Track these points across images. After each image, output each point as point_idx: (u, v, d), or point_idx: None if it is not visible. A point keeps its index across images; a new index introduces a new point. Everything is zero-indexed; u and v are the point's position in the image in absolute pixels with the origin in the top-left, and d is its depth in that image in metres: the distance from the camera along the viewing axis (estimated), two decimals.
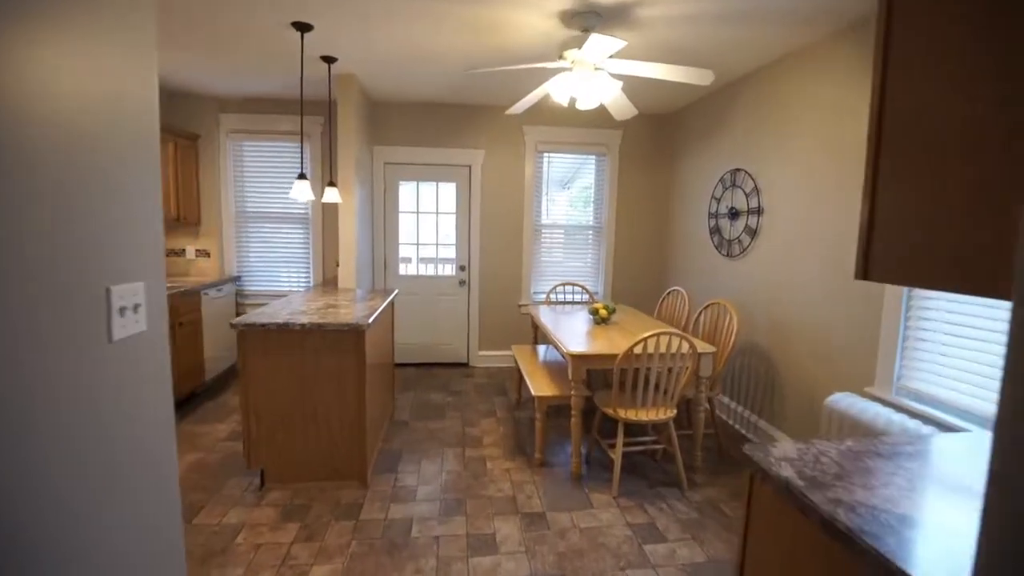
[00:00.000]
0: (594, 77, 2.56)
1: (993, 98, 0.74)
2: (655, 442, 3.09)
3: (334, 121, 4.21)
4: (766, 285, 3.33)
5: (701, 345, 2.80)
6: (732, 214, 3.71)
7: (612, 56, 2.62)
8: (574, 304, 4.38)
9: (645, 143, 4.91)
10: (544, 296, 4.94)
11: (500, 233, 4.86)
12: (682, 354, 2.61)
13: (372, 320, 2.66)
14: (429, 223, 4.85)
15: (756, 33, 2.81)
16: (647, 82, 3.78)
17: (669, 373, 2.66)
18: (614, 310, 3.44)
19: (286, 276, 4.76)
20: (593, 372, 3.81)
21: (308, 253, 4.72)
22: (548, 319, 3.55)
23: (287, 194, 4.61)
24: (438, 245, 4.89)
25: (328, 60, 3.27)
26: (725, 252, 3.82)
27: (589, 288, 4.88)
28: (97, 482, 0.93)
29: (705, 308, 3.45)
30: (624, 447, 2.81)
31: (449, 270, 4.93)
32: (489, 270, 4.90)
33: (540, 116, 4.72)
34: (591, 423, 3.52)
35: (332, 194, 3.37)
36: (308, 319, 2.62)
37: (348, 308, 2.98)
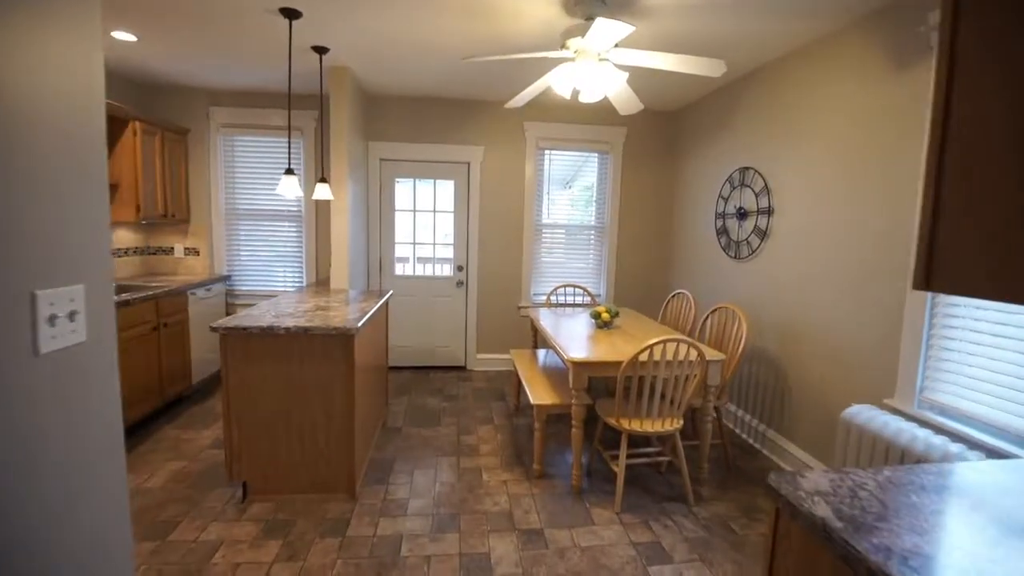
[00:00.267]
0: (598, 68, 2.41)
1: None
2: (659, 453, 2.94)
3: (328, 115, 4.06)
4: (776, 288, 3.18)
5: (710, 352, 2.65)
6: (740, 214, 3.56)
7: (618, 45, 2.47)
8: (575, 307, 4.23)
9: (649, 141, 4.76)
10: (544, 298, 4.80)
11: (499, 233, 4.71)
12: (690, 362, 2.46)
13: (362, 324, 2.51)
14: (426, 222, 4.70)
15: (767, 25, 2.66)
16: (652, 77, 3.63)
17: (676, 382, 2.51)
18: (617, 313, 3.29)
19: (278, 276, 4.61)
20: (595, 379, 3.67)
21: (301, 252, 4.58)
22: (548, 322, 3.40)
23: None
24: (435, 245, 4.74)
25: (319, 51, 3.13)
26: (733, 254, 3.67)
27: (591, 290, 4.73)
28: (20, 530, 0.78)
29: (712, 312, 3.30)
30: (627, 459, 2.66)
31: (447, 270, 4.79)
32: (488, 271, 4.75)
33: (541, 112, 4.57)
34: (592, 431, 3.38)
35: (323, 191, 3.22)
36: (294, 322, 2.48)
37: (338, 311, 2.83)
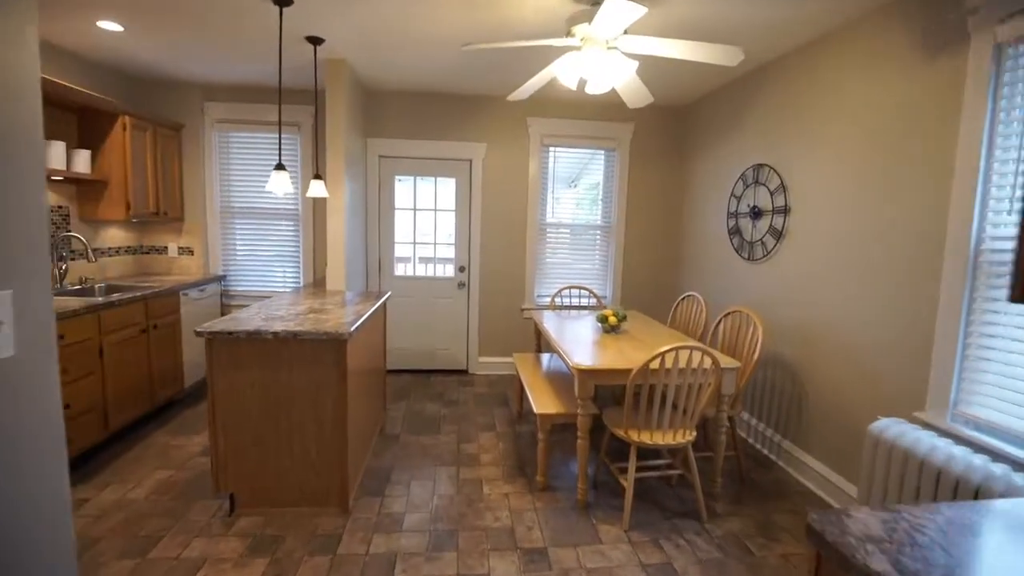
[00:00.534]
0: (606, 56, 2.26)
1: None
2: (670, 466, 2.78)
3: (324, 110, 3.93)
4: (793, 292, 3.02)
5: (725, 360, 2.50)
6: (755, 213, 3.40)
7: (627, 32, 2.31)
8: (581, 309, 4.08)
9: (658, 137, 4.60)
10: (548, 300, 4.64)
11: (502, 232, 4.57)
12: (704, 370, 2.31)
13: (355, 329, 2.37)
14: (427, 221, 4.56)
15: (784, 12, 2.50)
16: (661, 70, 3.47)
17: (689, 391, 2.36)
18: (624, 317, 3.14)
19: (275, 276, 4.49)
20: (602, 386, 3.52)
21: (298, 252, 4.45)
22: (552, 326, 3.26)
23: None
24: (436, 244, 4.60)
25: (314, 41, 2.99)
26: (746, 255, 3.51)
27: (597, 292, 4.58)
28: None
29: (725, 316, 3.14)
30: (636, 472, 2.51)
31: (448, 271, 4.65)
32: (490, 271, 4.60)
33: (546, 107, 4.42)
34: (599, 440, 3.23)
35: (318, 188, 3.08)
36: (283, 326, 2.34)
37: (332, 314, 2.69)
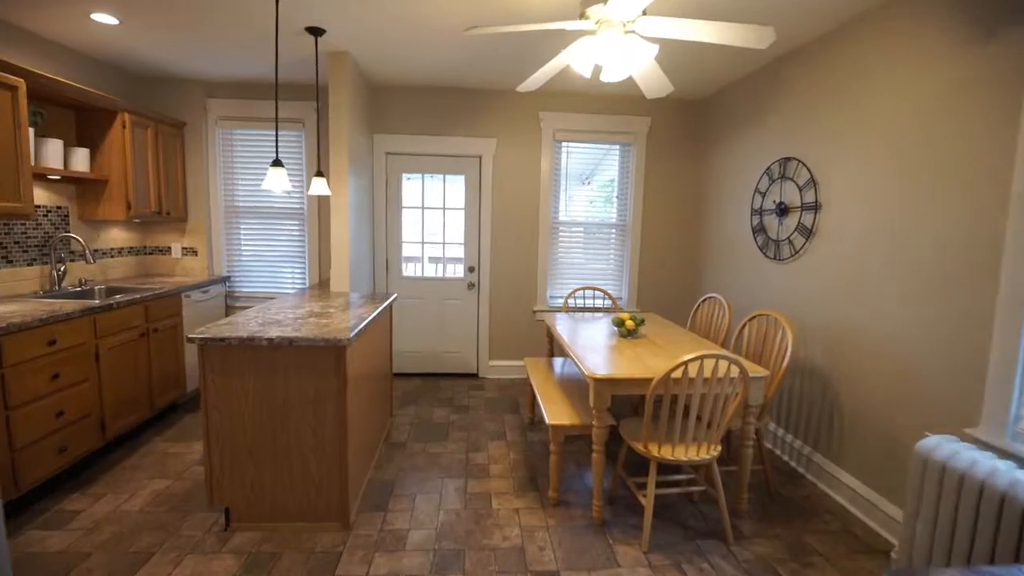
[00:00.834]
0: (623, 41, 2.09)
1: None
2: (692, 481, 2.60)
3: (326, 106, 3.80)
4: (825, 294, 2.81)
5: (753, 369, 2.31)
6: (781, 210, 3.19)
7: (646, 13, 2.14)
8: (595, 311, 3.90)
9: (676, 131, 4.40)
10: (562, 301, 4.48)
11: (513, 231, 4.41)
12: (731, 379, 2.12)
13: (355, 335, 2.23)
14: (435, 220, 4.42)
15: None
16: (679, 61, 3.29)
17: (714, 402, 2.18)
18: (642, 321, 2.96)
19: (281, 277, 4.38)
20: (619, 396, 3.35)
21: (304, 252, 4.33)
22: (566, 330, 3.09)
23: (291, 188, 4.22)
24: (445, 244, 4.46)
25: (314, 32, 2.85)
26: (772, 255, 3.30)
27: (612, 293, 4.40)
28: None
29: (751, 319, 2.94)
30: (656, 487, 2.33)
31: (457, 271, 4.50)
32: (501, 272, 4.45)
33: (558, 101, 4.25)
34: (615, 451, 3.05)
35: (319, 185, 2.95)
36: (279, 332, 2.21)
37: (333, 317, 2.56)
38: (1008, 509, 1.59)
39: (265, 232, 4.30)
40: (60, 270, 3.19)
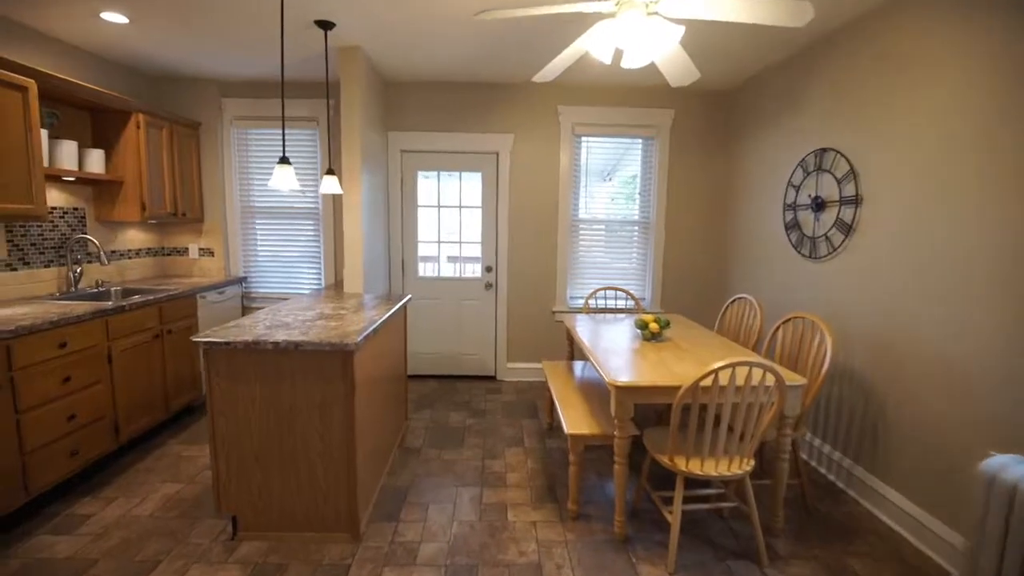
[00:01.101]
0: (647, 22, 1.93)
1: None
2: (722, 496, 2.43)
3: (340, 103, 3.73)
4: (868, 296, 2.60)
5: (790, 377, 2.13)
6: (817, 205, 2.98)
7: None
8: (617, 313, 3.74)
9: (701, 123, 4.20)
10: (582, 302, 4.32)
11: (532, 229, 4.27)
12: (766, 388, 1.95)
13: (362, 339, 2.13)
14: (451, 219, 4.31)
15: None
16: (704, 49, 3.10)
17: (747, 412, 2.01)
18: (667, 323, 2.79)
19: (297, 277, 4.34)
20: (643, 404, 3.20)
21: (319, 252, 4.28)
22: (586, 332, 2.94)
23: (299, 186, 4.18)
24: (461, 243, 4.35)
25: (324, 26, 2.77)
26: (807, 252, 3.09)
27: (635, 294, 4.23)
28: None
29: (785, 322, 2.75)
30: (683, 503, 2.17)
31: (474, 271, 4.39)
32: (519, 271, 4.32)
33: (577, 94, 4.10)
34: (639, 460, 2.90)
35: (330, 184, 2.87)
36: (286, 335, 2.12)
37: (343, 320, 2.47)
38: None
39: (281, 232, 4.26)
40: (77, 272, 3.19)
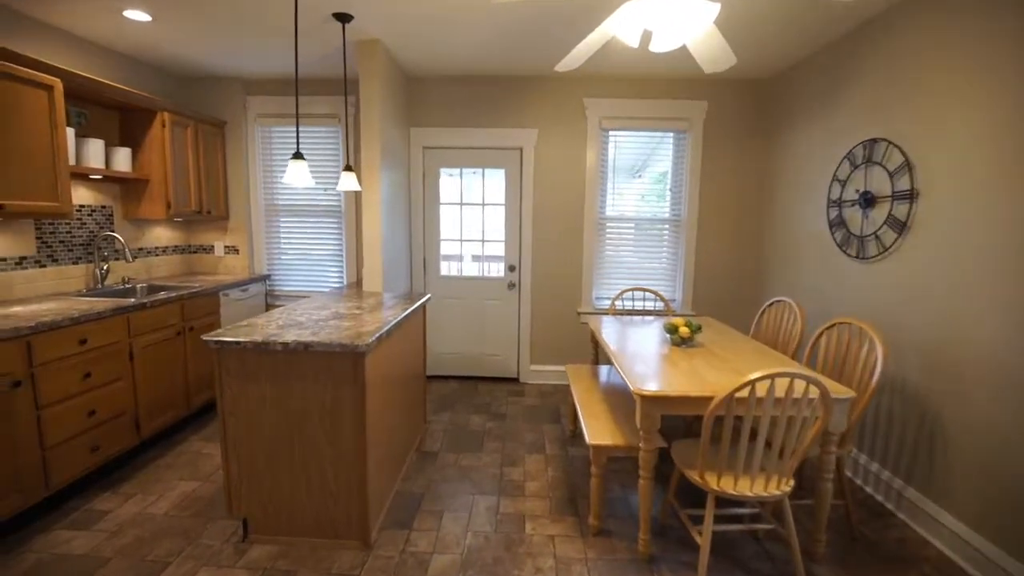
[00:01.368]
0: (679, 0, 1.77)
1: None
2: (757, 516, 2.25)
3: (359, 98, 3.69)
4: (922, 299, 2.37)
5: (836, 389, 1.93)
6: (866, 201, 2.75)
7: None
8: (645, 315, 3.57)
9: (736, 115, 3.97)
10: (608, 303, 4.16)
11: (556, 228, 4.13)
12: (809, 400, 1.77)
13: (374, 340, 2.05)
14: (474, 217, 4.22)
15: None
16: (742, 33, 2.90)
17: (788, 427, 1.83)
18: (698, 328, 2.61)
19: (319, 275, 4.33)
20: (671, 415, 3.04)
21: (342, 250, 4.26)
22: (612, 336, 2.79)
23: (322, 184, 4.17)
24: (484, 242, 4.25)
25: (342, 19, 2.71)
26: (854, 252, 2.86)
27: (664, 295, 4.04)
28: None
29: (829, 328, 2.53)
30: (713, 522, 2.01)
31: (497, 270, 4.28)
32: (543, 271, 4.19)
33: (604, 85, 3.94)
34: (666, 472, 2.73)
35: (349, 180, 2.81)
36: (296, 335, 2.06)
37: (357, 320, 2.40)
38: None
39: (304, 230, 4.26)
40: (103, 269, 3.23)
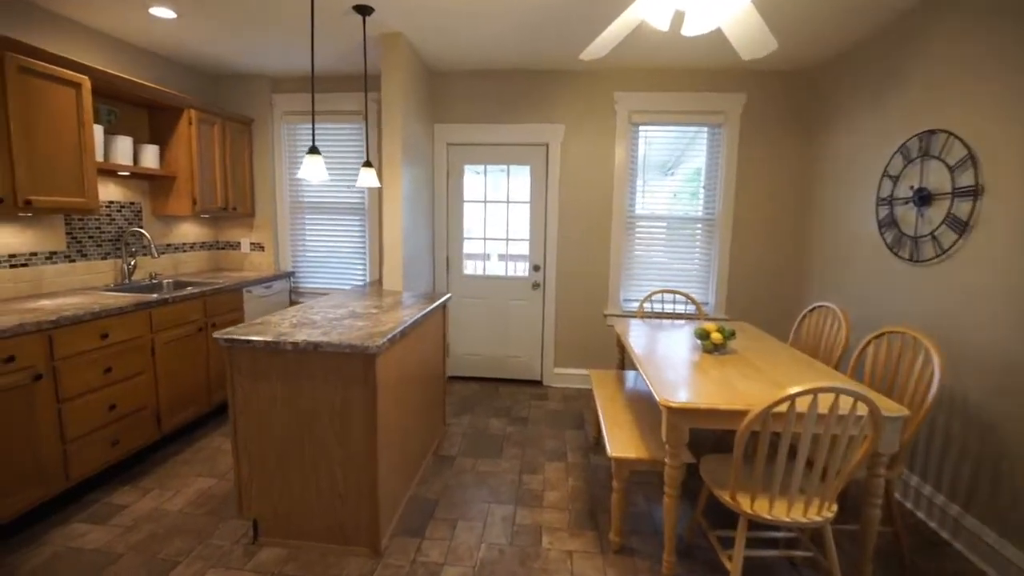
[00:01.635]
0: None
1: None
2: (794, 541, 2.06)
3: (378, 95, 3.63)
4: (986, 306, 2.13)
5: (888, 406, 1.74)
6: (921, 198, 2.51)
7: None
8: (676, 318, 3.39)
9: (777, 108, 3.74)
10: (637, 305, 4.00)
11: (583, 226, 3.99)
12: (857, 418, 1.59)
13: (387, 340, 1.97)
14: (498, 214, 4.12)
15: None
16: (783, 19, 2.70)
17: (832, 447, 1.65)
18: (732, 334, 2.44)
19: (344, 273, 4.31)
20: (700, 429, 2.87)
21: (365, 247, 4.23)
22: (639, 341, 2.64)
23: (346, 181, 4.15)
24: (508, 240, 4.14)
25: (362, 11, 2.65)
26: (907, 255, 2.62)
27: (696, 298, 3.84)
28: None
29: (877, 337, 2.32)
30: (745, 546, 1.84)
31: (521, 270, 4.17)
32: (569, 271, 4.05)
33: (634, 78, 3.77)
34: (693, 488, 2.56)
35: (368, 177, 2.75)
36: (307, 335, 2.00)
37: (372, 319, 2.33)
38: None
39: (329, 228, 4.25)
40: (131, 264, 3.28)
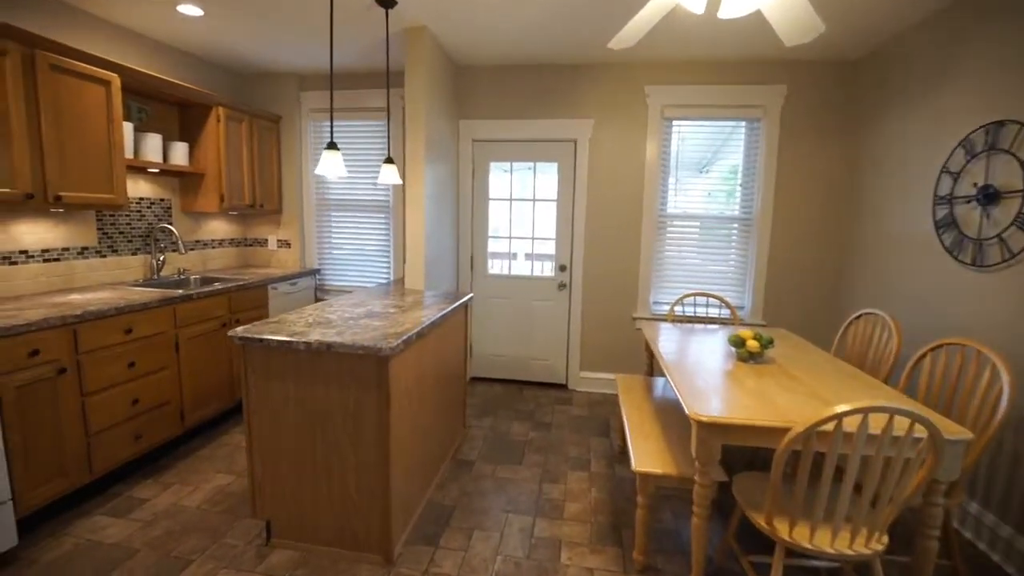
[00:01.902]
0: None
1: None
2: (836, 572, 1.89)
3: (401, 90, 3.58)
4: None
5: (949, 428, 1.56)
6: (986, 197, 2.28)
7: None
8: (708, 323, 3.22)
9: (821, 101, 3.51)
10: (667, 308, 3.83)
11: (612, 225, 3.85)
12: (914, 440, 1.42)
13: (402, 342, 1.89)
14: (524, 213, 4.02)
15: None
16: (829, 5, 2.51)
17: (885, 471, 1.49)
18: (770, 341, 2.27)
19: (368, 270, 4.30)
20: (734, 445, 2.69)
21: (389, 245, 4.20)
22: (669, 347, 2.50)
23: (372, 178, 4.13)
24: (534, 239, 4.04)
25: (385, 4, 2.58)
26: (969, 259, 2.39)
27: (731, 301, 3.65)
28: None
29: (934, 349, 2.11)
30: (784, 573, 1.69)
31: (547, 270, 4.06)
32: (597, 272, 3.92)
33: (667, 71, 3.61)
34: (725, 505, 2.40)
35: (389, 173, 2.69)
36: (321, 334, 1.95)
37: (390, 319, 2.27)
38: None
39: (354, 225, 4.24)
40: (160, 260, 3.32)
